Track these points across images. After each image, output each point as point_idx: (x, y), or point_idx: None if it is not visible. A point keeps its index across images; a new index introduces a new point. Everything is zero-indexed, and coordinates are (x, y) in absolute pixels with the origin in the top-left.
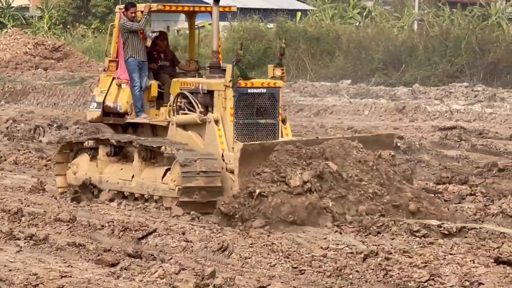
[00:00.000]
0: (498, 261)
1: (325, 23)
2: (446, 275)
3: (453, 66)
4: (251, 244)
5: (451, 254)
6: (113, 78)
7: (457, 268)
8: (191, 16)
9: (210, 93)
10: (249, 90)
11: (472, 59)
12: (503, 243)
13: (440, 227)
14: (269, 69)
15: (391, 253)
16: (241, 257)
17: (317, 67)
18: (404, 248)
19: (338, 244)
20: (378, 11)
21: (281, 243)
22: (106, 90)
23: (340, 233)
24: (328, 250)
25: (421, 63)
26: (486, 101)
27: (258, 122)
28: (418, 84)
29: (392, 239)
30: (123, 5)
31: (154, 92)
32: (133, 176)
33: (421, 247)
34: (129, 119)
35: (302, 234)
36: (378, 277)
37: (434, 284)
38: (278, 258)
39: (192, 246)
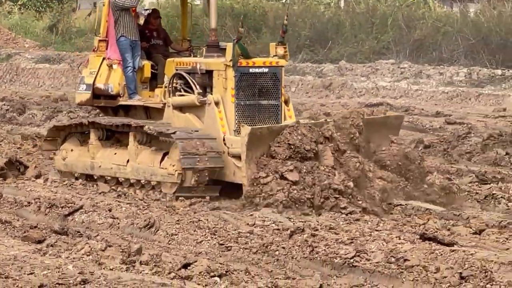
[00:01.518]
0: (423, 237)
1: (252, 0)
2: (372, 251)
3: (380, 43)
4: (178, 220)
5: (377, 230)
6: (103, 59)
7: (383, 245)
8: None
9: (209, 73)
10: (250, 70)
11: (398, 36)
12: (428, 220)
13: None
14: (271, 47)
15: (317, 230)
16: (167, 234)
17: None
18: (331, 225)
19: (264, 221)
20: None
21: (207, 219)
22: (96, 71)
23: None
24: (255, 227)
25: (347, 40)
26: (412, 78)
27: (260, 103)
28: (345, 61)
29: (319, 215)
30: None
31: (147, 72)
32: (128, 161)
33: (347, 223)
34: (122, 102)
35: (228, 211)
36: (304, 254)
37: (360, 261)
38: (205, 235)
39: (118, 223)
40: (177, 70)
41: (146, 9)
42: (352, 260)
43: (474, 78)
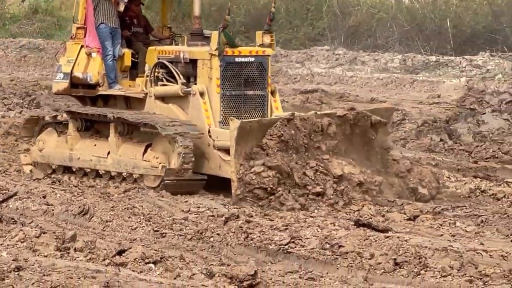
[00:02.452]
0: (358, 223)
1: None
2: (307, 238)
3: (315, 30)
4: (112, 207)
5: (311, 217)
6: (82, 47)
7: (318, 231)
8: None
9: (193, 62)
10: (236, 59)
11: (333, 22)
12: (363, 206)
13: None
14: (257, 36)
15: (252, 216)
16: (102, 221)
17: (179, 30)
18: (265, 211)
19: (199, 208)
20: None
21: (142, 206)
22: (74, 60)
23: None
24: (189, 213)
25: (282, 26)
26: (347, 65)
27: (246, 94)
28: (280, 47)
29: (252, 204)
30: None
31: (128, 61)
32: (108, 153)
33: (282, 210)
34: (102, 91)
35: (163, 198)
36: (239, 240)
37: (295, 247)
38: (139, 221)
39: (53, 210)
40: (159, 59)
41: None
42: (286, 247)
43: (408, 65)
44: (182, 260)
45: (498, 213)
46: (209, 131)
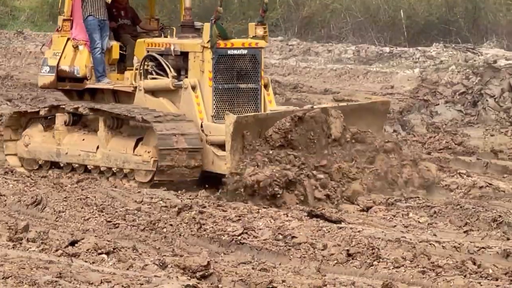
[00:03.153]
0: (311, 214)
1: None
2: (260, 229)
3: (268, 20)
4: (65, 198)
5: (264, 208)
6: (68, 39)
7: (271, 222)
8: None
9: (184, 55)
10: (229, 52)
11: (287, 13)
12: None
13: None
14: (250, 27)
15: (205, 207)
16: (55, 211)
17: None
18: (218, 202)
19: (152, 198)
20: None
21: (95, 196)
22: (60, 53)
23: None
24: (142, 204)
25: (236, 17)
26: (300, 55)
27: (238, 87)
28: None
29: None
30: None
31: (116, 54)
32: (98, 148)
33: (235, 200)
34: (90, 85)
35: (116, 188)
36: (192, 231)
37: (248, 238)
38: (92, 212)
39: (5, 200)
40: (148, 51)
41: None
42: (239, 238)
43: (362, 56)
44: (134, 251)
45: (451, 204)
46: (201, 126)
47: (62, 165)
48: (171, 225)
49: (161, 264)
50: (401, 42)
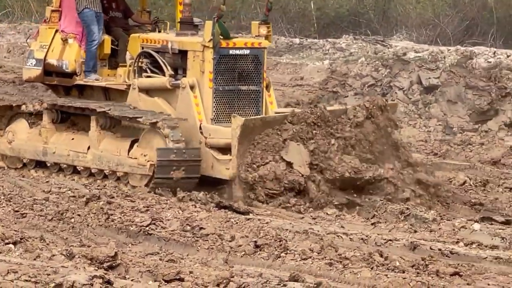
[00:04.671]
0: (219, 205)
1: None
2: (168, 219)
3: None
4: None
5: (173, 198)
6: (56, 31)
7: (179, 213)
8: None
9: (182, 53)
10: (230, 52)
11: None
12: (225, 187)
13: None
14: (253, 26)
15: (113, 197)
16: None
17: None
18: (127, 193)
19: (60, 188)
20: None
21: (2, 186)
22: (47, 45)
23: (65, 176)
24: (50, 194)
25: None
26: None
27: (239, 89)
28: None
29: (116, 186)
30: None
31: (107, 49)
32: (89, 148)
33: (142, 192)
34: (79, 81)
35: (24, 178)
36: (100, 221)
37: (156, 229)
38: (0, 202)
39: None
40: (143, 48)
41: None
42: (147, 228)
43: (272, 47)
44: (42, 241)
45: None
46: (200, 128)
47: (48, 164)
48: (79, 215)
49: (68, 254)
50: (311, 34)
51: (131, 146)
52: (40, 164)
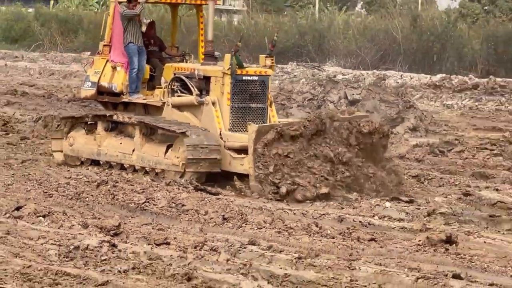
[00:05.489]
0: (196, 188)
1: (71, 9)
2: (158, 199)
3: None
4: (13, 174)
5: (161, 182)
6: (107, 61)
7: (166, 194)
8: (175, 7)
9: (206, 78)
10: (244, 78)
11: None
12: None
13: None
14: (261, 59)
15: (118, 182)
16: (4, 184)
17: (65, 41)
18: (128, 178)
19: (78, 175)
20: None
21: (35, 173)
22: (100, 71)
23: (78, 167)
24: (70, 179)
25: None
26: None
27: (250, 106)
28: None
29: (120, 173)
30: None
31: (147, 74)
32: (133, 150)
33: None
34: (125, 99)
35: (51, 167)
36: (107, 200)
37: (149, 205)
38: (33, 185)
39: None
40: (175, 74)
41: (146, 20)
42: (143, 205)
43: None
44: (64, 214)
45: None
46: (220, 134)
47: (101, 162)
48: (91, 195)
49: (84, 224)
50: None
51: (166, 150)
52: (94, 162)
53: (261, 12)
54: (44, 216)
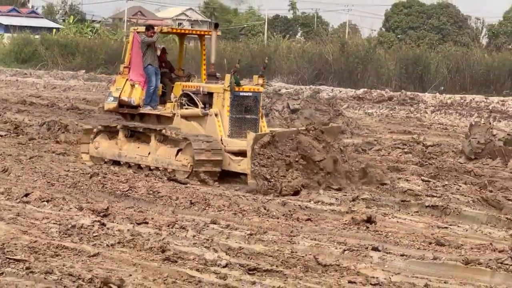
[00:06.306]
0: (170, 179)
1: (70, 36)
2: (139, 187)
3: None
4: (22, 167)
5: (141, 174)
6: (126, 80)
7: (146, 183)
8: (182, 37)
9: (210, 94)
10: (240, 93)
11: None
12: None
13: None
14: (254, 78)
15: (107, 174)
16: (16, 175)
17: (65, 62)
18: (115, 171)
19: (75, 168)
20: (102, 29)
21: (40, 167)
22: (121, 88)
23: (75, 162)
24: (69, 172)
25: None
26: None
27: (245, 117)
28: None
29: (108, 167)
30: (144, 27)
31: (160, 91)
32: (149, 153)
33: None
34: (142, 110)
35: (53, 162)
36: (98, 188)
37: (132, 192)
38: (39, 176)
39: None
40: (183, 91)
41: (160, 46)
42: (127, 192)
43: None
44: (64, 200)
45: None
46: (221, 140)
47: (122, 163)
48: (86, 184)
49: (79, 208)
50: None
51: (177, 153)
52: (115, 163)
53: (220, 39)
54: (47, 201)
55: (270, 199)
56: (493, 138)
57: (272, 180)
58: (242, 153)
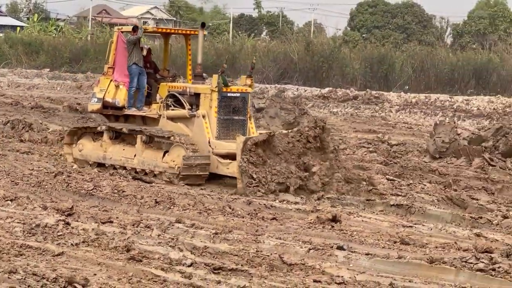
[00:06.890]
0: (134, 178)
1: (34, 34)
2: (104, 186)
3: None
4: None
5: (106, 173)
6: (111, 80)
7: (111, 182)
8: (167, 36)
9: (197, 95)
10: (228, 94)
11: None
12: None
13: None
14: (242, 79)
15: (71, 173)
16: None
17: (29, 60)
18: (79, 170)
19: (39, 167)
20: (67, 28)
21: (4, 166)
22: (105, 89)
23: (39, 161)
24: (33, 171)
25: (92, 58)
26: None
27: (233, 118)
28: (90, 72)
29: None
30: (131, 27)
31: (145, 92)
32: (135, 155)
33: (88, 170)
34: (127, 112)
35: (17, 161)
36: (63, 187)
37: (96, 191)
38: (2, 175)
39: None
40: (169, 91)
41: (146, 47)
42: (91, 191)
43: None
44: (28, 199)
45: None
46: (209, 142)
47: (107, 165)
48: (50, 183)
49: (43, 207)
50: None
51: (164, 155)
52: (100, 165)
53: None
54: (11, 200)
55: (235, 198)
56: (458, 137)
57: (257, 179)
58: (230, 156)
